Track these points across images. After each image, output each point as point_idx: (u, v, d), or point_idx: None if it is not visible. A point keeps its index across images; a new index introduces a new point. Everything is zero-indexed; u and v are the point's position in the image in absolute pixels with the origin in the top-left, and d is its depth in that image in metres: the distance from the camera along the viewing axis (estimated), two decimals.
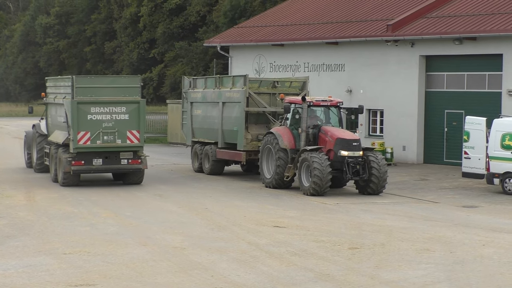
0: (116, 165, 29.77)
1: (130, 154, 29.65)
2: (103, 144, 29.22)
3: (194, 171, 34.88)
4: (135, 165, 29.72)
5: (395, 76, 38.77)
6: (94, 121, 29.09)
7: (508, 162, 27.87)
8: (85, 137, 29.05)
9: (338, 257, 17.52)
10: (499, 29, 34.69)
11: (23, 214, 23.02)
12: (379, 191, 27.57)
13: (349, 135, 27.97)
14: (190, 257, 17.36)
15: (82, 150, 29.09)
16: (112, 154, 29.51)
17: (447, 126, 37.32)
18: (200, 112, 34.90)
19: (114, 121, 29.31)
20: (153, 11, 77.60)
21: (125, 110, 29.43)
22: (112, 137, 29.30)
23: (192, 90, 35.65)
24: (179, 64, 72.49)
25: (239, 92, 31.83)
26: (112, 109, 29.39)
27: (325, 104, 28.83)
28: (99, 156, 29.42)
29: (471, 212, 24.50)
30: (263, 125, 31.88)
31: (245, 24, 49.53)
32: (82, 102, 29.05)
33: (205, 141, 34.41)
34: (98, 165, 29.49)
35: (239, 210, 24.26)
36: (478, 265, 16.86)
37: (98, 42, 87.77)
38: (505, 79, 34.90)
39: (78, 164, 29.19)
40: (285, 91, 31.96)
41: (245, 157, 31.57)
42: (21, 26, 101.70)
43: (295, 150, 28.51)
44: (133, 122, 29.45)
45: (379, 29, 39.27)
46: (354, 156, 27.14)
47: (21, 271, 15.94)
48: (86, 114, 29.06)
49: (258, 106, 31.74)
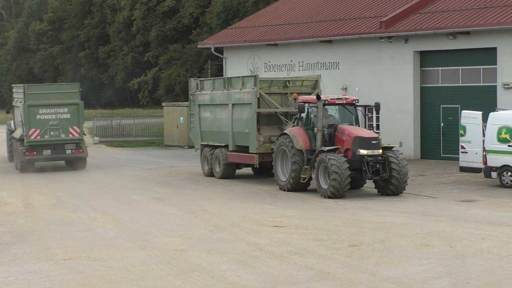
0: (62, 155, 37.42)
1: (73, 145, 37.19)
2: (50, 138, 36.81)
3: (204, 175, 33.75)
4: (78, 154, 37.37)
5: (390, 73, 38.79)
6: (42, 120, 36.62)
7: (505, 155, 27.90)
8: (35, 133, 36.58)
9: (338, 255, 17.52)
10: (492, 22, 34.72)
11: (22, 221, 23.00)
12: (399, 192, 26.60)
13: (367, 133, 27.09)
14: (190, 259, 17.35)
15: (33, 143, 36.63)
16: (58, 146, 36.96)
17: (443, 121, 37.36)
18: (208, 114, 33.84)
19: (58, 120, 36.84)
20: (146, 14, 77.61)
21: (67, 111, 36.95)
22: (57, 132, 36.88)
23: (199, 92, 34.47)
24: (173, 67, 72.52)
25: (250, 93, 30.85)
26: (56, 110, 36.91)
27: (340, 102, 27.89)
28: (48, 147, 36.85)
29: (470, 206, 24.52)
30: (275, 126, 30.88)
31: (239, 24, 49.54)
32: (32, 105, 36.64)
33: (214, 144, 33.29)
34: (47, 155, 37.05)
35: (237, 211, 24.25)
36: (478, 259, 16.87)
37: (92, 47, 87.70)
38: (500, 73, 34.94)
39: (31, 155, 36.74)
40: (296, 90, 30.97)
41: (258, 160, 30.51)
42: (15, 33, 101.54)
43: (310, 151, 27.56)
44: (74, 120, 37.04)
45: (373, 26, 39.30)
46: (373, 154, 26.20)
47: (22, 278, 15.92)
48: (35, 115, 36.52)
49: (269, 106, 30.77)
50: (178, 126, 50.58)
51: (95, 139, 54.57)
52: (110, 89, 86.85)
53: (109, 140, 54.66)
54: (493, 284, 14.86)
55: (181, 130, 50.35)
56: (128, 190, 29.83)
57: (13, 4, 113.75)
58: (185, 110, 50.17)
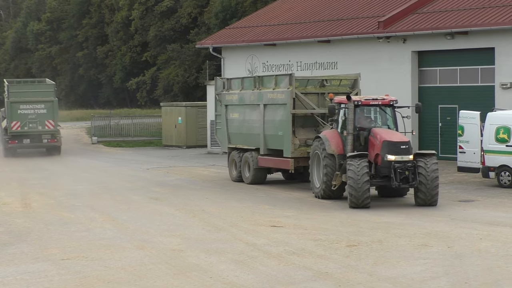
0: (39, 143, 45.61)
1: (49, 136, 45.12)
2: (29, 129, 44.81)
3: (232, 180, 31.71)
4: (53, 143, 45.52)
5: (388, 73, 38.77)
6: (23, 114, 44.81)
7: (503, 155, 27.91)
8: (16, 125, 44.73)
9: (336, 255, 17.53)
10: (490, 22, 34.73)
11: (20, 221, 22.98)
12: (430, 202, 24.23)
13: (398, 137, 24.81)
14: (188, 259, 17.35)
15: (15, 133, 44.95)
16: (36, 136, 44.98)
17: (441, 121, 37.35)
18: (237, 115, 31.76)
19: (36, 114, 44.84)
20: (144, 14, 77.58)
21: (44, 107, 44.90)
22: (35, 125, 44.83)
23: (226, 91, 32.38)
24: (171, 67, 72.48)
25: (284, 93, 28.74)
26: (34, 106, 44.81)
27: (375, 103, 25.73)
28: (27, 137, 44.98)
29: (468, 206, 24.53)
30: (311, 129, 28.72)
31: (237, 24, 49.53)
32: (14, 101, 44.89)
33: (243, 147, 31.25)
34: (27, 144, 45.27)
35: (236, 211, 24.25)
36: (476, 259, 16.88)
37: (90, 47, 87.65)
38: (498, 73, 34.94)
39: (13, 143, 45.14)
40: (334, 90, 28.76)
41: (293, 165, 28.47)
42: (13, 33, 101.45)
43: (343, 156, 25.33)
44: (49, 115, 44.99)
45: (371, 26, 39.29)
46: (402, 160, 24.06)
47: (20, 278, 15.91)
48: (17, 110, 44.72)
49: (305, 107, 28.57)
50: (176, 126, 50.58)
51: (93, 139, 54.59)
52: (108, 89, 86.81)
53: (107, 140, 54.67)
54: (491, 284, 14.87)
55: (179, 130, 50.36)
56: (126, 190, 29.82)
57: (11, 4, 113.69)
58: (183, 110, 50.26)
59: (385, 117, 26.11)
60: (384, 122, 26.08)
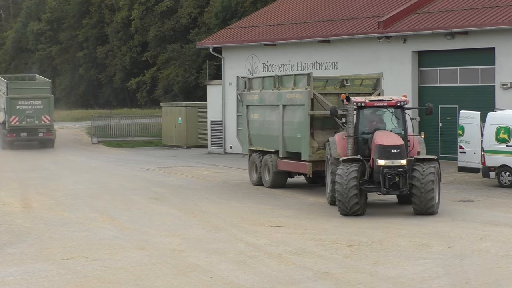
0: (35, 137, 49.52)
1: (45, 129, 49.13)
2: (27, 124, 48.81)
3: (252, 184, 30.54)
4: (48, 136, 49.54)
5: (388, 73, 38.64)
6: (21, 110, 48.67)
7: (503, 155, 27.91)
8: (15, 119, 48.51)
9: (336, 255, 17.52)
10: (490, 22, 34.72)
11: (20, 221, 22.98)
12: (426, 209, 22.51)
13: (391, 140, 22.91)
14: (188, 259, 17.34)
15: (13, 128, 48.71)
16: (33, 130, 49.00)
17: (442, 121, 37.35)
18: (257, 116, 30.45)
19: (33, 110, 48.76)
20: (144, 14, 77.58)
21: (40, 103, 48.92)
22: (32, 119, 48.80)
23: (247, 91, 31.14)
24: (171, 67, 72.48)
25: (302, 93, 27.42)
26: (32, 102, 48.76)
27: (380, 104, 24.05)
28: (25, 131, 48.86)
29: (468, 206, 24.53)
30: (330, 131, 26.88)
31: (237, 24, 49.53)
32: (13, 98, 48.57)
33: (263, 149, 30.01)
34: (24, 137, 49.05)
35: (236, 211, 24.25)
36: (476, 259, 16.88)
37: (90, 47, 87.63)
38: (498, 73, 34.94)
39: (11, 136, 48.87)
40: (355, 90, 27.46)
41: (311, 169, 27.08)
42: (13, 33, 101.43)
43: None
44: (45, 110, 49.04)
45: (371, 26, 39.29)
46: (392, 165, 22.38)
47: (20, 278, 15.91)
48: (15, 105, 48.58)
49: (324, 109, 26.88)
50: (176, 126, 50.58)
51: (94, 139, 54.58)
52: (109, 89, 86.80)
53: (107, 140, 54.67)
54: (491, 284, 14.87)
55: (179, 130, 50.35)
56: (127, 190, 29.81)
57: (12, 4, 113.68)
58: (184, 110, 50.26)
59: (393, 119, 24.38)
60: (392, 124, 24.33)
